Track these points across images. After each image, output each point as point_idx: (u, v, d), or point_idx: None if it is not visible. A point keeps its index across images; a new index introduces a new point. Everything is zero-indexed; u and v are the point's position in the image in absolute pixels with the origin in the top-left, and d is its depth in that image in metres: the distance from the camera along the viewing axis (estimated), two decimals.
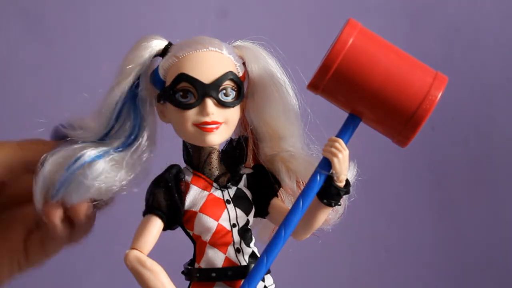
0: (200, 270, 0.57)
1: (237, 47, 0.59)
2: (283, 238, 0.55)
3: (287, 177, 0.60)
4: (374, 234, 1.29)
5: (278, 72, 0.59)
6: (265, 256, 0.55)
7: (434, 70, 0.56)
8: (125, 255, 0.55)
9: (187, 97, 0.56)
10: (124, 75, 0.57)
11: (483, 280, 1.32)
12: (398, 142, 0.56)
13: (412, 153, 1.23)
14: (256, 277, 0.55)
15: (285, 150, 0.60)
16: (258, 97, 0.59)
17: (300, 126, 0.60)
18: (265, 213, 0.60)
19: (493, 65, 1.32)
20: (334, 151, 0.55)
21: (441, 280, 1.31)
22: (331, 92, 0.56)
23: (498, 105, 1.33)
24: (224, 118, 0.56)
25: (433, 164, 1.31)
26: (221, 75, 0.56)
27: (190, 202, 0.57)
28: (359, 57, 0.54)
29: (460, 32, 1.32)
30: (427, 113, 0.54)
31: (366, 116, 0.56)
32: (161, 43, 0.58)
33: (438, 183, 1.32)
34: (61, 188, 0.56)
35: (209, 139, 0.56)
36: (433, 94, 0.54)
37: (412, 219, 1.31)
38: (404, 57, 0.56)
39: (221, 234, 0.57)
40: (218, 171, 0.58)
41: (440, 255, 1.31)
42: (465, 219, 1.32)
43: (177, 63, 0.56)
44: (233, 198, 0.58)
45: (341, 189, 0.56)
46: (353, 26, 0.55)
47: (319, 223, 0.58)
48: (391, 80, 0.54)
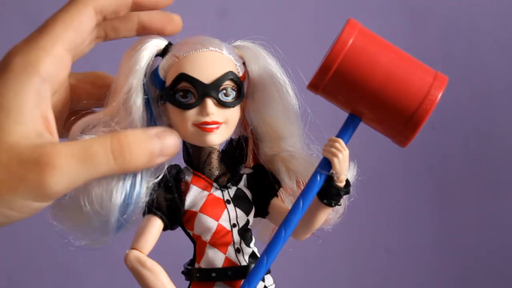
0: (200, 270, 0.57)
1: (237, 47, 0.59)
2: (283, 238, 0.55)
3: (287, 177, 0.60)
4: (374, 234, 1.29)
5: (278, 72, 0.59)
6: (265, 256, 0.55)
7: (434, 70, 0.56)
8: (125, 255, 0.55)
9: (187, 97, 0.56)
10: (134, 77, 0.56)
11: (483, 280, 1.32)
12: (398, 142, 0.56)
13: (412, 153, 1.23)
14: (256, 277, 0.55)
15: (285, 150, 0.60)
16: (258, 97, 0.59)
17: (300, 126, 0.60)
18: (265, 213, 0.60)
19: (493, 65, 1.32)
20: (334, 151, 0.55)
21: (441, 280, 1.31)
22: (331, 92, 0.56)
23: (498, 105, 1.33)
24: (224, 118, 0.56)
25: (433, 164, 1.31)
26: (221, 75, 0.56)
27: (190, 202, 0.57)
28: (359, 57, 0.54)
29: (460, 32, 1.32)
30: (427, 113, 0.54)
31: (366, 116, 0.56)
32: (161, 43, 0.58)
33: (438, 183, 1.32)
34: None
35: (209, 139, 0.56)
36: (433, 94, 0.54)
37: (412, 219, 1.31)
38: (404, 57, 0.56)
39: (221, 234, 0.57)
40: (218, 171, 0.58)
41: (440, 255, 1.31)
42: (465, 219, 1.32)
43: (177, 63, 0.56)
44: (233, 198, 0.58)
45: (341, 189, 0.56)
46: (353, 26, 0.55)
47: (319, 223, 0.58)
48: (391, 80, 0.54)
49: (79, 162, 0.48)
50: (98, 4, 0.53)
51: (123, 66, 0.57)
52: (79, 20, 0.52)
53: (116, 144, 0.50)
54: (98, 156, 0.49)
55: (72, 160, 0.47)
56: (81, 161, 0.48)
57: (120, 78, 0.56)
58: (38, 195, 0.47)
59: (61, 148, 0.47)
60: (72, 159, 0.47)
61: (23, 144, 0.46)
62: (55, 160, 0.46)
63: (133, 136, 0.51)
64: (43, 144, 0.47)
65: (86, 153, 0.48)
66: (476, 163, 1.33)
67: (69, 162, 0.47)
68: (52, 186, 0.46)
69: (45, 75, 0.49)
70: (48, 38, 0.50)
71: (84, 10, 0.52)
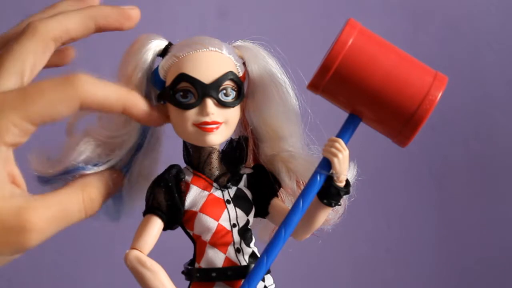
0: (200, 270, 0.57)
1: (237, 47, 0.59)
2: (283, 238, 0.55)
3: (287, 177, 0.60)
4: (374, 234, 1.29)
5: (278, 72, 0.59)
6: (265, 256, 0.55)
7: (434, 70, 0.56)
8: (125, 255, 0.55)
9: (187, 97, 0.56)
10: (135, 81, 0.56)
11: (483, 280, 1.32)
12: (398, 142, 0.56)
13: (412, 153, 1.23)
14: (256, 277, 0.55)
15: (285, 150, 0.60)
16: (258, 97, 0.59)
17: (300, 126, 0.60)
18: (265, 213, 0.60)
19: (493, 65, 1.32)
20: (334, 151, 0.55)
21: (441, 280, 1.31)
22: (331, 92, 0.56)
23: (498, 105, 1.33)
24: (224, 118, 0.56)
25: (433, 164, 1.31)
26: (221, 75, 0.56)
27: (190, 202, 0.57)
28: (359, 57, 0.54)
29: (460, 32, 1.32)
30: (427, 113, 0.54)
31: (366, 116, 0.56)
32: (161, 43, 0.58)
33: (438, 183, 1.32)
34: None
35: (209, 139, 0.56)
36: (433, 94, 0.54)
37: (412, 219, 1.31)
38: (404, 57, 0.56)
39: (221, 234, 0.57)
40: (218, 171, 0.58)
41: (440, 255, 1.31)
42: (465, 219, 1.32)
43: (177, 63, 0.56)
44: (233, 198, 0.58)
45: (341, 189, 0.56)
46: (353, 26, 0.55)
47: (319, 223, 0.58)
48: (391, 80, 0.54)
49: (56, 223, 0.51)
50: (57, 35, 0.54)
51: (123, 69, 0.57)
52: (38, 56, 0.53)
53: (87, 199, 0.54)
54: (73, 214, 0.52)
55: (51, 222, 0.50)
56: (58, 222, 0.51)
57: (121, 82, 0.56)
58: (16, 253, 0.50)
59: (39, 211, 0.50)
60: (51, 222, 0.50)
61: (2, 208, 0.49)
62: (35, 226, 0.49)
63: (98, 190, 0.55)
64: (19, 206, 0.49)
65: (62, 213, 0.51)
66: (476, 163, 1.32)
67: (48, 225, 0.50)
68: (31, 245, 0.50)
69: (9, 141, 0.49)
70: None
71: (42, 45, 0.53)
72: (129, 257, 0.55)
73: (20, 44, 0.53)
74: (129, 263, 0.55)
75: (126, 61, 0.57)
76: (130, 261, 0.55)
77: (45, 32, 0.53)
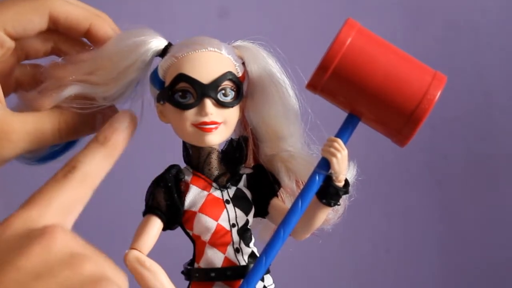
0: (199, 270, 0.57)
1: (237, 47, 0.59)
2: (282, 238, 0.55)
3: (287, 177, 0.60)
4: (374, 234, 1.29)
5: (278, 72, 0.59)
6: (264, 256, 0.55)
7: (433, 69, 0.56)
8: (125, 255, 0.55)
9: (186, 97, 0.56)
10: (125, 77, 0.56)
11: (483, 280, 1.32)
12: (397, 141, 0.56)
13: (412, 153, 1.23)
14: (255, 277, 0.55)
15: (284, 150, 0.60)
16: (257, 97, 0.59)
17: (300, 126, 0.60)
18: (265, 213, 0.60)
19: (493, 65, 1.32)
20: (332, 151, 0.55)
21: (441, 280, 1.31)
22: (330, 92, 0.56)
23: (498, 105, 1.33)
24: (223, 118, 0.56)
25: (433, 164, 1.31)
26: (220, 75, 0.56)
27: (190, 202, 0.57)
28: (358, 57, 0.54)
29: (460, 32, 1.32)
30: (426, 112, 0.54)
31: (365, 116, 0.56)
32: (161, 43, 0.58)
33: (438, 183, 1.32)
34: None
35: (208, 139, 0.56)
36: (432, 94, 0.54)
37: (412, 219, 1.31)
38: (403, 57, 0.56)
39: (220, 234, 0.57)
40: (217, 171, 0.58)
41: (440, 255, 1.31)
42: (465, 219, 1.32)
43: (176, 64, 0.56)
44: (232, 198, 0.58)
45: (340, 189, 0.56)
46: (352, 26, 0.55)
47: (318, 223, 0.58)
48: (390, 80, 0.54)
49: (30, 138, 0.53)
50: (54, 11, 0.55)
51: (121, 44, 0.57)
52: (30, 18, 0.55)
53: (63, 122, 0.55)
54: (47, 133, 0.54)
55: (25, 136, 0.52)
56: (32, 138, 0.53)
57: (118, 51, 0.56)
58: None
59: (15, 124, 0.52)
60: (25, 136, 0.52)
61: None
62: (9, 137, 0.51)
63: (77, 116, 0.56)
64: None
65: (37, 131, 0.53)
66: (476, 163, 1.32)
67: (22, 138, 0.52)
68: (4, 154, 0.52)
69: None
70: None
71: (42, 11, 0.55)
72: (128, 257, 0.55)
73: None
74: (129, 263, 0.55)
75: (123, 50, 0.56)
76: (129, 261, 0.55)
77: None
